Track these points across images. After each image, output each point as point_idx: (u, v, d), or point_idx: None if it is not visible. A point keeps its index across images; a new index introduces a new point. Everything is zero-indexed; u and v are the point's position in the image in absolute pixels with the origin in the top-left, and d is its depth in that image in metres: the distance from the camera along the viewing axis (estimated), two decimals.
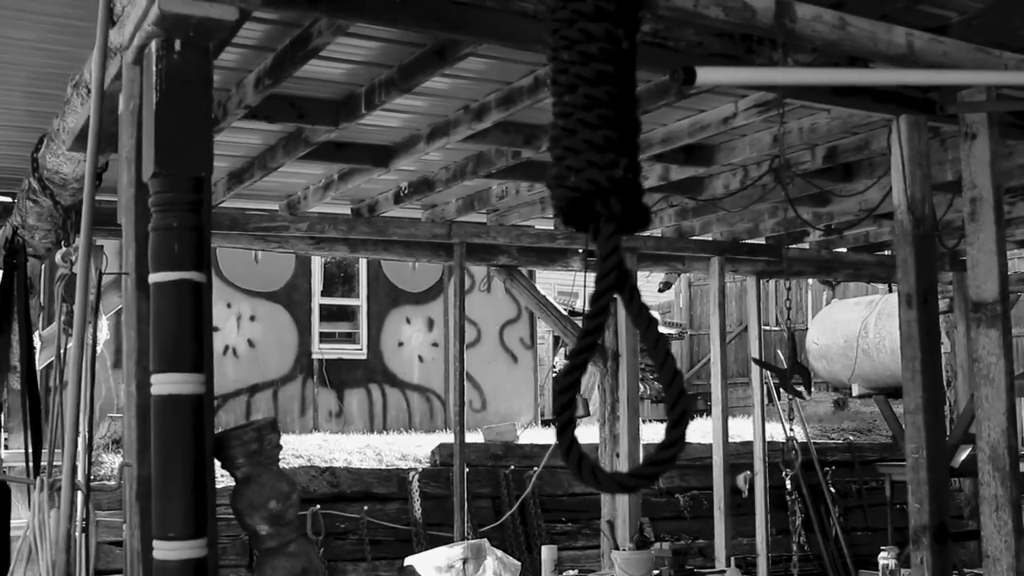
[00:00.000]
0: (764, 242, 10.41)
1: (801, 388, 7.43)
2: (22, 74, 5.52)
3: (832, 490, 12.36)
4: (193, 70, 3.11)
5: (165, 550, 2.98)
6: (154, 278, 3.07)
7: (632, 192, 1.41)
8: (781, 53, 4.36)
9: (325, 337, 15.77)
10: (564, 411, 1.39)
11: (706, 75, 3.28)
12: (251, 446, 3.39)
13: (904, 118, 5.23)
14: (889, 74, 4.29)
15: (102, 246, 6.70)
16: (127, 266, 3.38)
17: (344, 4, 4.06)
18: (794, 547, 11.70)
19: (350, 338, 16.03)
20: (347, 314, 16.16)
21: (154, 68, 3.07)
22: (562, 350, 21.79)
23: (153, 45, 3.08)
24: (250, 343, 15.03)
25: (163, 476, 3.02)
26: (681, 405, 1.35)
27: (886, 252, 11.15)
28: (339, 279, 16.19)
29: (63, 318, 5.36)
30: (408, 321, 16.27)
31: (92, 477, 9.14)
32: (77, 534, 3.39)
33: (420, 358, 16.28)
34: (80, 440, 3.27)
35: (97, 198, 4.96)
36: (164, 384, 3.03)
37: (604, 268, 1.43)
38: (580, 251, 9.69)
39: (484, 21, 4.24)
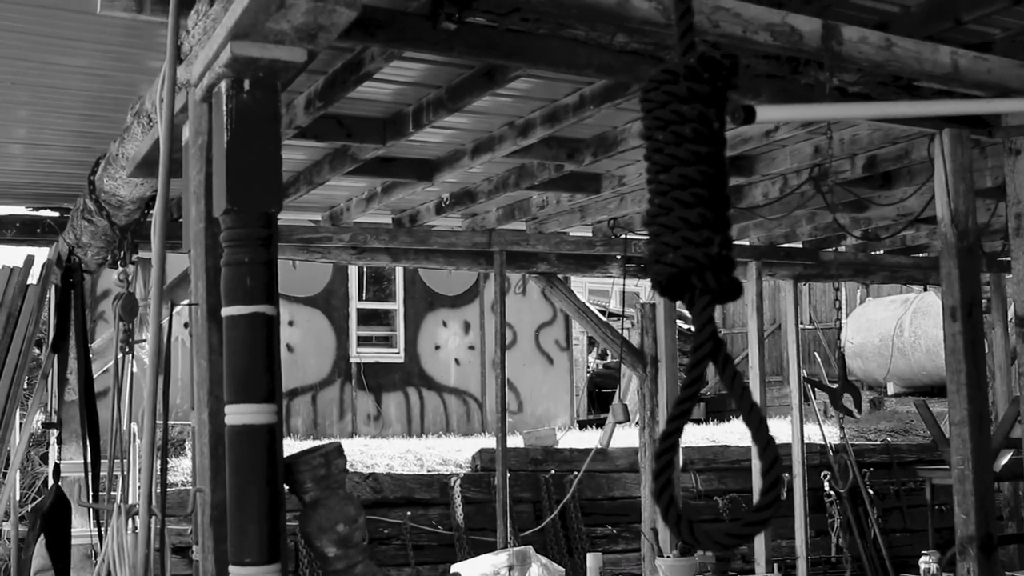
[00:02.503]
0: (801, 246, 10.45)
1: (852, 407, 7.47)
2: (77, 99, 5.65)
3: (870, 492, 12.37)
4: (262, 109, 3.20)
5: None
6: (227, 311, 3.17)
7: (725, 267, 1.49)
8: (827, 75, 4.42)
9: (363, 341, 15.91)
10: (662, 474, 1.47)
11: (766, 113, 3.34)
12: (319, 471, 3.49)
13: (947, 131, 5.28)
14: (939, 105, 4.35)
15: (148, 260, 6.83)
16: (197, 297, 3.48)
17: (401, 35, 4.15)
18: (833, 549, 11.73)
19: (387, 342, 16.17)
20: (384, 318, 16.29)
21: (224, 108, 3.16)
22: (595, 350, 21.86)
23: (223, 85, 3.17)
24: (289, 348, 15.18)
25: (238, 503, 3.12)
26: (775, 471, 1.42)
27: (923, 254, 11.16)
28: (376, 283, 16.32)
29: (120, 336, 5.49)
30: (444, 324, 16.39)
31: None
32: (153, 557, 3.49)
33: (457, 361, 16.40)
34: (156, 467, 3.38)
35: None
36: (238, 415, 3.13)
37: (699, 338, 1.50)
38: (618, 257, 9.76)
39: (536, 47, 4.32)
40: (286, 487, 3.54)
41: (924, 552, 7.43)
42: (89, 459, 5.97)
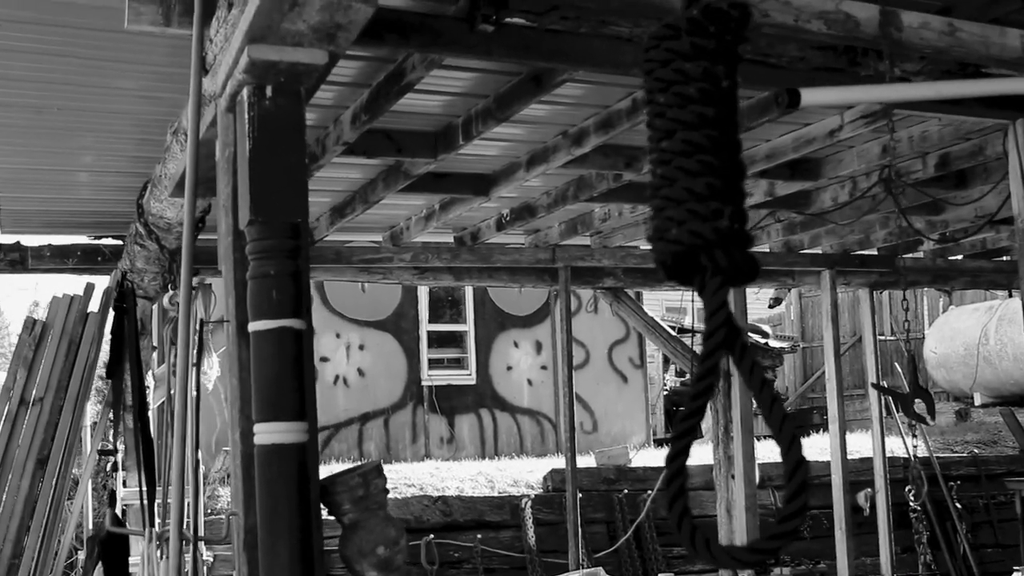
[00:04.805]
0: (876, 253, 10.12)
1: (925, 414, 7.13)
2: (127, 122, 5.61)
3: (958, 506, 11.94)
4: (285, 115, 3.08)
5: None
6: (253, 327, 3.04)
7: (739, 243, 1.30)
8: (887, 64, 4.19)
9: (434, 363, 15.79)
10: (674, 480, 1.29)
11: (811, 96, 3.13)
12: (357, 491, 3.34)
13: (1021, 122, 5.02)
14: (1001, 83, 4.10)
15: (210, 285, 6.77)
16: (227, 314, 3.36)
17: (437, 39, 4.02)
18: (920, 566, 11.33)
19: (459, 364, 16.03)
20: (455, 340, 16.16)
21: (246, 115, 3.05)
22: (672, 367, 21.54)
23: (245, 92, 3.06)
24: (360, 372, 15.12)
25: (268, 527, 2.98)
26: (800, 475, 1.24)
27: (1005, 258, 10.76)
28: (446, 305, 16.21)
29: (173, 361, 5.42)
30: (516, 345, 16.21)
31: (208, 511, 9.25)
32: None
33: (529, 381, 16.20)
34: (188, 490, 3.25)
35: (204, 238, 5.02)
36: (267, 434, 2.99)
37: (711, 325, 1.32)
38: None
39: (579, 48, 4.16)
40: (325, 509, 3.40)
41: (1016, 568, 7.11)
42: (145, 486, 5.91)
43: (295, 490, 2.98)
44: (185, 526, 3.27)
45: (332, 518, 3.49)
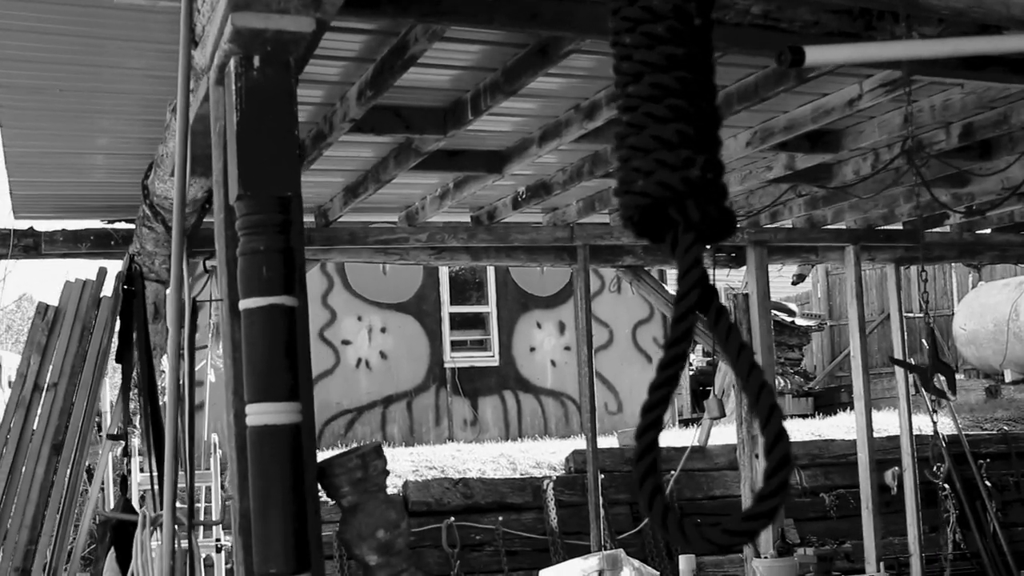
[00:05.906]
0: (901, 227, 9.94)
1: (945, 389, 6.94)
2: (134, 102, 5.53)
3: (988, 484, 11.75)
4: (274, 86, 2.97)
5: None
6: (244, 304, 2.94)
7: (712, 195, 1.19)
8: (904, 27, 4.05)
9: (456, 346, 15.69)
10: (644, 456, 1.18)
11: (816, 55, 3.00)
12: (355, 473, 3.25)
13: None
14: (1019, 40, 3.95)
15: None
16: (220, 292, 3.27)
17: (437, 7, 3.92)
18: (949, 545, 11.16)
19: (481, 345, 15.93)
20: (477, 322, 16.06)
21: (234, 87, 2.94)
22: (699, 347, 21.37)
23: (232, 63, 2.95)
24: (382, 355, 15.06)
25: (262, 510, 2.89)
26: (780, 449, 1.13)
27: None
28: (468, 287, 16.11)
29: (182, 344, 5.33)
30: (539, 326, 16.10)
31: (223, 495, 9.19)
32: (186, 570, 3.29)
33: (553, 362, 16.09)
34: (182, 473, 3.17)
35: (210, 220, 4.93)
36: (259, 415, 2.90)
37: (684, 285, 1.21)
38: (708, 247, 9.38)
39: (584, 15, 4.05)
40: (324, 492, 3.31)
41: None
42: (155, 471, 5.84)
43: (288, 472, 2.89)
44: (182, 511, 3.19)
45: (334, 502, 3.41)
